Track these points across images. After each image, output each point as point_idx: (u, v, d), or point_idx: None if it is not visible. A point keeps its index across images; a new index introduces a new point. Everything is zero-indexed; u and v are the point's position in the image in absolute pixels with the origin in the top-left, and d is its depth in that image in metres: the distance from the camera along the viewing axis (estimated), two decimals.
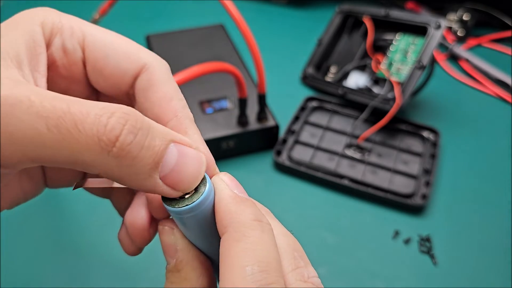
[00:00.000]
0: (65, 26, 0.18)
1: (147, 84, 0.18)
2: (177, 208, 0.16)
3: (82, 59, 0.18)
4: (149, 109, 0.18)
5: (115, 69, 0.18)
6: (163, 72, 0.19)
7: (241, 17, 0.38)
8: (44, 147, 0.13)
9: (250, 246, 0.15)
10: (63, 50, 0.18)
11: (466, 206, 0.41)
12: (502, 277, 0.36)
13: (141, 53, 0.19)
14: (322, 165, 0.43)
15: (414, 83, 0.46)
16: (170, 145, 0.15)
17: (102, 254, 0.37)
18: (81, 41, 0.18)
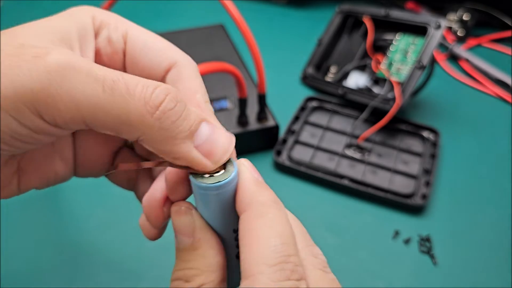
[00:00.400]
0: (112, 21, 0.20)
1: (176, 77, 0.20)
2: (208, 184, 0.17)
3: (123, 50, 0.20)
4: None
5: (150, 62, 0.20)
6: (191, 69, 0.21)
7: (241, 17, 0.38)
8: (98, 107, 0.15)
9: (271, 222, 0.16)
10: (108, 40, 0.20)
11: (466, 206, 0.41)
12: (502, 277, 0.36)
13: (173, 51, 0.21)
14: (322, 165, 0.43)
15: (414, 83, 0.46)
16: (202, 122, 0.17)
17: (102, 254, 0.37)
18: (124, 34, 0.20)
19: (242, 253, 0.16)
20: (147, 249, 0.37)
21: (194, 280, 0.17)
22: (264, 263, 0.15)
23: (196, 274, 0.18)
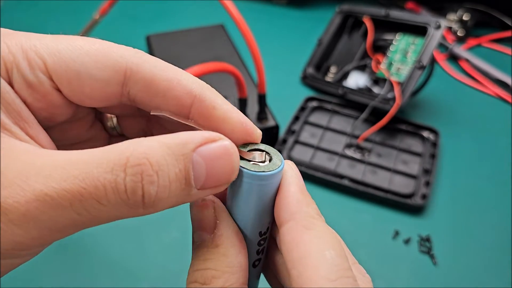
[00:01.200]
0: (18, 57, 0.15)
1: (143, 83, 0.16)
2: (255, 171, 0.16)
3: (54, 86, 0.16)
4: (161, 105, 0.17)
5: (95, 85, 0.16)
6: (152, 66, 0.16)
7: (241, 17, 0.38)
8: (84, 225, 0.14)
9: (322, 234, 0.15)
10: (27, 86, 0.15)
11: (466, 206, 0.41)
12: (502, 277, 0.36)
13: (114, 55, 0.16)
14: (322, 165, 0.43)
15: (414, 83, 0.46)
16: (192, 156, 0.14)
17: (102, 254, 0.37)
18: (42, 67, 0.15)
19: (293, 268, 0.15)
20: (147, 249, 0.37)
21: (212, 283, 0.15)
22: (325, 277, 0.14)
23: (215, 275, 0.16)
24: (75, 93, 0.16)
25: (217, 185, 0.15)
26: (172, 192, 0.14)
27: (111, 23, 0.60)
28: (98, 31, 0.56)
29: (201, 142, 0.14)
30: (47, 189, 0.13)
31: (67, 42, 0.16)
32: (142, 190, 0.13)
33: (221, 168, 0.15)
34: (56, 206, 0.13)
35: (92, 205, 0.13)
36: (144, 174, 0.13)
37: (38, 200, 0.13)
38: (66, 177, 0.13)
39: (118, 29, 0.62)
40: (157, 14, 0.66)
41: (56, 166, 0.13)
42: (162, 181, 0.14)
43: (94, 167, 0.13)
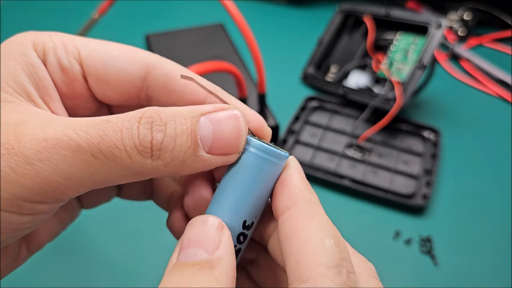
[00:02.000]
0: (57, 43, 0.17)
1: (163, 78, 0.18)
2: (265, 143, 0.16)
3: (82, 73, 0.18)
4: (178, 101, 0.18)
5: (120, 75, 0.18)
6: (172, 65, 0.18)
7: (241, 17, 0.38)
8: (97, 173, 0.14)
9: (323, 223, 0.15)
10: (60, 68, 0.17)
11: (467, 206, 0.41)
12: (503, 277, 0.36)
13: (141, 54, 0.18)
14: (322, 165, 0.43)
15: (415, 83, 0.45)
16: (200, 119, 0.15)
17: (102, 254, 0.37)
18: (76, 55, 0.17)
19: (291, 255, 0.15)
20: (147, 249, 0.37)
21: None
22: (323, 263, 0.14)
23: None
24: (100, 82, 0.17)
25: (225, 150, 0.16)
26: (178, 145, 0.15)
27: (110, 22, 0.60)
28: (97, 30, 0.56)
29: (210, 110, 0.16)
30: (67, 130, 0.14)
31: (102, 42, 0.18)
32: (151, 135, 0.14)
33: (227, 131, 0.16)
34: (75, 147, 0.14)
35: (109, 148, 0.14)
36: (154, 124, 0.15)
37: (56, 138, 0.14)
38: (88, 123, 0.14)
39: (117, 29, 0.62)
40: (156, 13, 0.66)
41: (79, 119, 0.15)
42: (169, 131, 0.15)
43: (114, 118, 0.15)
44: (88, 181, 0.14)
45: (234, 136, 0.16)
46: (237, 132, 0.16)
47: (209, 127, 0.15)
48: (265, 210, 0.18)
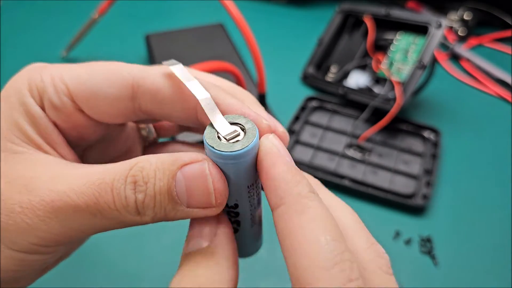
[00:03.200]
0: (47, 83, 0.17)
1: (149, 95, 0.18)
2: (225, 152, 0.16)
3: (77, 107, 0.18)
4: (173, 112, 0.18)
5: (109, 102, 0.18)
6: (155, 76, 0.18)
7: (241, 17, 0.38)
8: (96, 225, 0.17)
9: (315, 218, 0.14)
10: (54, 109, 0.18)
11: (467, 206, 0.41)
12: (503, 277, 0.36)
13: (124, 73, 0.18)
14: (322, 165, 0.43)
15: (415, 83, 0.45)
16: (177, 174, 0.16)
17: (102, 254, 0.37)
18: (66, 91, 0.17)
19: (289, 258, 0.14)
20: (147, 249, 0.37)
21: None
22: (320, 267, 0.13)
23: (203, 283, 0.15)
24: (94, 111, 0.18)
25: (200, 205, 0.16)
26: (158, 202, 0.16)
27: (110, 22, 0.60)
28: (97, 30, 0.56)
29: (187, 162, 0.16)
30: (70, 192, 0.16)
31: (87, 67, 0.18)
32: (134, 196, 0.16)
33: (197, 188, 0.16)
34: (75, 207, 0.16)
35: (104, 208, 0.16)
36: (136, 184, 0.16)
37: (61, 200, 0.16)
38: (85, 182, 0.16)
39: (117, 29, 0.62)
40: (156, 13, 0.66)
41: (79, 174, 0.16)
42: (149, 191, 0.16)
43: (107, 176, 0.16)
44: (91, 230, 0.17)
45: (203, 193, 0.16)
46: (205, 189, 0.16)
47: (182, 183, 0.16)
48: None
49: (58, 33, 0.60)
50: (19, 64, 0.61)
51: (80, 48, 0.56)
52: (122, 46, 0.59)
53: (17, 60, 0.56)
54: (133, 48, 0.58)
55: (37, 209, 0.16)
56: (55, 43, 0.58)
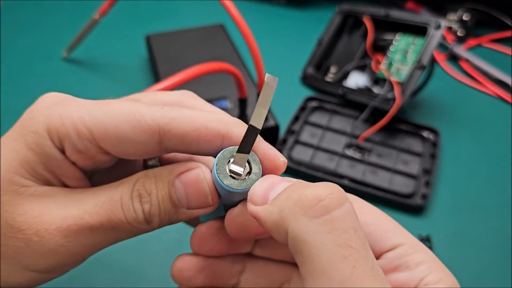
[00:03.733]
0: (69, 129, 0.18)
1: (177, 140, 0.18)
2: (234, 189, 0.18)
3: (100, 150, 0.19)
4: (199, 151, 0.19)
5: (136, 147, 0.18)
6: (176, 117, 0.18)
7: (241, 17, 0.38)
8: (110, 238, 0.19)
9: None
10: (77, 152, 0.18)
11: (466, 206, 0.41)
12: (503, 277, 0.36)
13: (149, 119, 0.18)
14: (322, 165, 0.43)
15: (414, 83, 0.46)
16: (175, 182, 0.18)
17: (102, 254, 0.37)
18: (90, 137, 0.18)
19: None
20: (147, 249, 0.37)
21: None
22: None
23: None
24: (119, 153, 0.19)
25: (199, 206, 0.19)
26: (163, 209, 0.18)
27: (111, 23, 0.60)
28: (98, 31, 0.56)
29: (182, 171, 0.19)
30: (83, 214, 0.18)
31: (109, 110, 0.18)
32: (142, 208, 0.18)
33: (195, 192, 0.19)
34: (91, 227, 0.18)
35: (116, 223, 0.18)
36: (141, 197, 0.18)
37: (77, 224, 0.18)
38: (96, 203, 0.18)
39: (118, 29, 0.62)
40: (156, 14, 0.66)
41: (87, 197, 0.18)
42: (153, 200, 0.18)
43: (115, 194, 0.18)
44: (105, 245, 0.19)
45: (201, 195, 0.19)
46: (202, 192, 0.19)
47: (181, 189, 0.19)
48: None
49: (59, 33, 0.60)
50: (19, 65, 0.61)
51: (81, 49, 0.56)
52: (123, 46, 0.59)
53: (18, 60, 0.56)
54: (134, 48, 0.58)
55: (55, 236, 0.18)
56: (56, 43, 0.58)
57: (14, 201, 0.18)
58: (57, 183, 0.19)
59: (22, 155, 0.18)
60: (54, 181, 0.19)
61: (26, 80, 0.54)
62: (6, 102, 0.51)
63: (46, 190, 0.19)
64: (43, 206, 0.18)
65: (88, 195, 0.19)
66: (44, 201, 0.18)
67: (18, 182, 0.18)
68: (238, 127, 0.19)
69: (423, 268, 0.17)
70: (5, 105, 0.50)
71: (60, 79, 0.54)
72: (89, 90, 0.52)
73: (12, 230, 0.18)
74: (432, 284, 0.17)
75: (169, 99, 0.21)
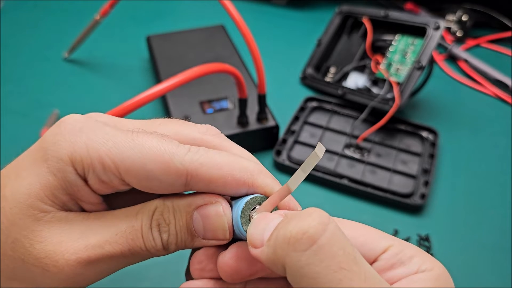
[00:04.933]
0: (95, 161, 0.18)
1: (203, 184, 0.19)
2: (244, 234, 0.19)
3: (123, 183, 0.19)
4: (222, 193, 0.20)
5: (161, 185, 0.19)
6: (204, 164, 0.19)
7: (241, 18, 0.38)
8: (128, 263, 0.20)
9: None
10: (101, 183, 0.19)
11: (465, 206, 0.42)
12: (502, 276, 0.36)
13: (177, 163, 0.18)
14: (321, 165, 0.43)
15: (413, 84, 0.46)
16: (193, 214, 0.19)
17: None
18: (115, 171, 0.18)
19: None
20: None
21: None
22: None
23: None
24: (143, 188, 0.19)
25: (215, 238, 0.19)
26: (180, 238, 0.19)
27: (112, 24, 0.60)
28: (99, 32, 0.57)
29: (201, 204, 0.19)
30: (104, 243, 0.18)
31: (137, 146, 0.18)
32: (160, 237, 0.19)
33: (213, 225, 0.19)
34: (111, 256, 0.19)
35: (137, 250, 0.19)
36: (160, 226, 0.19)
37: (97, 253, 0.18)
38: (117, 232, 0.19)
39: (119, 30, 0.62)
40: (157, 14, 0.66)
41: (106, 225, 0.19)
42: (172, 230, 0.19)
43: (135, 222, 0.19)
44: (121, 267, 0.20)
45: (218, 229, 0.19)
46: (221, 226, 0.19)
47: (200, 221, 0.19)
48: None
49: (60, 34, 0.61)
50: (21, 65, 0.62)
51: (82, 50, 0.56)
52: (124, 47, 0.59)
53: (20, 61, 0.57)
54: (135, 49, 0.58)
55: (74, 268, 0.18)
56: (57, 44, 0.58)
57: (33, 227, 0.18)
58: (75, 207, 0.19)
59: (44, 180, 0.18)
60: (72, 205, 0.19)
61: (27, 80, 0.54)
62: (7, 102, 0.51)
63: (64, 216, 0.19)
64: (62, 233, 0.18)
65: (107, 222, 0.19)
66: (63, 227, 0.19)
67: (37, 207, 0.18)
68: (264, 177, 0.20)
69: (416, 260, 0.19)
70: (6, 105, 0.50)
71: (61, 80, 0.54)
72: (90, 91, 0.53)
73: (30, 257, 0.18)
74: (428, 271, 0.18)
75: (194, 136, 0.21)
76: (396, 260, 0.19)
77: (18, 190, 0.18)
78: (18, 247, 0.18)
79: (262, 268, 0.19)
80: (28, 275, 0.19)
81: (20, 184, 0.18)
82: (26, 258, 0.18)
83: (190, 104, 0.46)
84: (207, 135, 0.21)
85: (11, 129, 0.47)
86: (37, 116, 0.48)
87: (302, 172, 0.17)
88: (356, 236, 0.20)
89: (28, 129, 0.47)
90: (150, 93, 0.31)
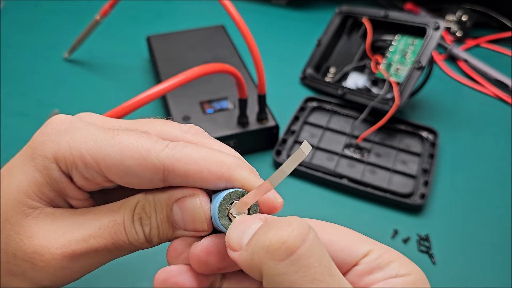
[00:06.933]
0: (77, 159, 0.19)
1: (180, 179, 0.19)
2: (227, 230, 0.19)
3: (107, 179, 0.20)
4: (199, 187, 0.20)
5: (140, 181, 0.19)
6: (180, 159, 0.19)
7: (241, 18, 0.38)
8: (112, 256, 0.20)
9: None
10: (85, 180, 0.20)
11: (465, 206, 0.42)
12: (502, 276, 0.36)
13: (154, 159, 0.19)
14: (321, 165, 0.43)
15: (412, 84, 0.46)
16: (173, 207, 0.20)
17: None
18: (97, 168, 0.19)
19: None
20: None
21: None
22: None
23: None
24: (124, 184, 0.20)
25: (195, 229, 0.20)
26: (161, 230, 0.20)
27: (112, 24, 0.60)
28: (99, 32, 0.57)
29: (180, 196, 0.20)
30: (88, 237, 0.19)
31: (115, 144, 0.19)
32: (142, 230, 0.20)
33: (191, 217, 0.20)
34: (96, 249, 0.19)
35: (120, 244, 0.19)
36: (142, 220, 0.20)
37: (82, 247, 0.19)
38: (100, 226, 0.19)
39: (119, 30, 0.62)
40: (157, 15, 0.67)
41: (90, 220, 0.20)
42: (153, 223, 0.20)
43: (118, 216, 0.20)
44: (107, 261, 0.20)
45: (197, 220, 0.20)
46: (199, 219, 0.19)
47: (179, 213, 0.20)
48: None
49: (60, 34, 0.61)
50: (21, 65, 0.62)
51: (82, 50, 0.56)
52: (124, 47, 0.59)
53: (20, 61, 0.57)
54: (135, 49, 0.58)
55: (60, 261, 0.19)
56: (57, 44, 0.58)
57: (23, 223, 0.19)
58: (63, 204, 0.20)
59: (31, 177, 0.19)
60: (60, 202, 0.20)
61: (27, 80, 0.54)
62: (8, 102, 0.51)
63: (52, 212, 0.20)
64: (49, 228, 0.19)
65: (92, 217, 0.20)
66: (50, 223, 0.19)
67: (26, 203, 0.19)
68: (241, 170, 0.20)
69: (394, 265, 0.19)
70: (7, 105, 0.50)
71: (61, 80, 0.54)
72: (90, 91, 0.53)
73: (21, 252, 0.19)
74: (405, 275, 0.19)
75: (176, 134, 0.21)
76: (375, 265, 0.19)
77: (10, 188, 0.19)
78: (11, 242, 0.19)
79: (232, 264, 0.19)
80: (20, 270, 0.19)
81: (11, 182, 0.20)
82: (18, 253, 0.19)
83: (190, 104, 0.46)
84: (189, 133, 0.21)
85: (11, 129, 0.47)
86: (37, 116, 0.48)
87: (285, 169, 0.17)
88: (337, 241, 0.20)
89: (28, 129, 0.47)
90: (150, 93, 0.31)
